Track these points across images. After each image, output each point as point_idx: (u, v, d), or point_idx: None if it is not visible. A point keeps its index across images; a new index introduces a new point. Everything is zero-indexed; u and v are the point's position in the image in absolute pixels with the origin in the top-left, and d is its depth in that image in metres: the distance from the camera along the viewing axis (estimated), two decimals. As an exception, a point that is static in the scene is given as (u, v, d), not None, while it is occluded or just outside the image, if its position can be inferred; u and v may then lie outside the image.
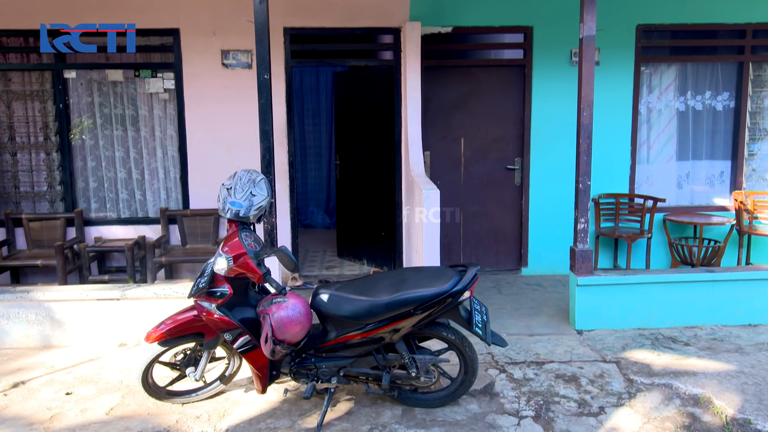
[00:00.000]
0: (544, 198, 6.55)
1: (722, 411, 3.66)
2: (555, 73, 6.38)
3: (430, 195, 5.05)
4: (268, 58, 4.52)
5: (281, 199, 6.27)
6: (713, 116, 6.71)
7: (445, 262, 5.94)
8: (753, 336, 4.81)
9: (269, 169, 4.56)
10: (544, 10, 6.31)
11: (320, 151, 9.33)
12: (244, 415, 3.67)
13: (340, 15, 6.19)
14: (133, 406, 3.78)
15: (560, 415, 3.64)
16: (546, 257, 6.60)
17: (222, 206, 3.50)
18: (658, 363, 4.33)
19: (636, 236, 6.29)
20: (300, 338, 3.43)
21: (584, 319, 4.98)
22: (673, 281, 5.02)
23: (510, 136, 6.57)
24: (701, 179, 6.83)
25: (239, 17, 5.92)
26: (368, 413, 3.67)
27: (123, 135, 6.43)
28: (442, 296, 3.37)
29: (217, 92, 6.22)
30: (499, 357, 4.44)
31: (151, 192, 6.52)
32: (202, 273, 3.52)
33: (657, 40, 6.54)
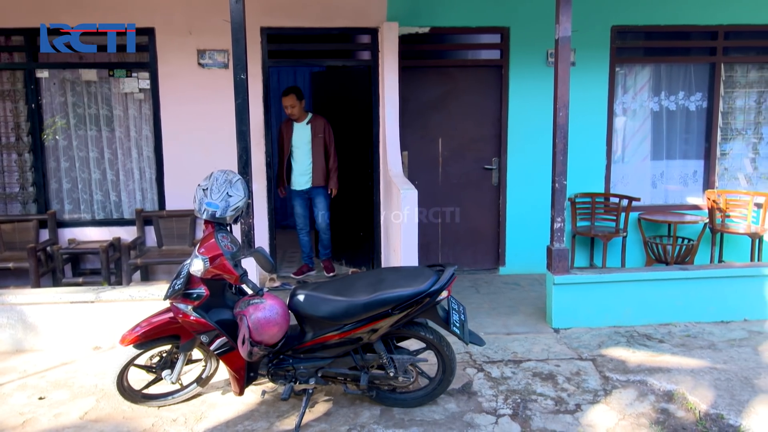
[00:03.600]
0: (521, 197, 6.59)
1: (696, 406, 3.72)
2: (531, 74, 6.43)
3: (408, 195, 5.05)
4: (245, 58, 4.49)
5: (258, 199, 6.23)
6: (686, 116, 6.81)
7: (423, 262, 5.95)
8: (725, 332, 4.89)
9: (246, 170, 4.54)
10: (520, 10, 6.35)
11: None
12: (221, 418, 3.64)
13: (317, 15, 6.17)
14: (108, 410, 3.74)
15: (537, 413, 3.67)
16: (523, 256, 6.64)
17: (198, 207, 3.47)
18: (633, 360, 4.39)
19: (611, 235, 6.37)
20: (277, 339, 3.42)
21: (561, 318, 5.02)
22: (647, 279, 5.09)
23: (487, 136, 6.60)
24: (675, 178, 6.93)
25: (215, 17, 5.87)
26: (346, 414, 3.67)
27: (97, 135, 6.35)
28: (419, 296, 3.38)
29: (193, 92, 6.17)
30: (477, 356, 4.46)
31: (126, 193, 6.44)
32: (178, 275, 3.49)
33: (631, 41, 6.63)
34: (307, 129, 6.25)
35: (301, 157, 6.27)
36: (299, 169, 6.30)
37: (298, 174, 6.32)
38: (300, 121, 6.26)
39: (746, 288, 5.18)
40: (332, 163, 6.32)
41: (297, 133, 6.26)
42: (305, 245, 6.52)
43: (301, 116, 6.26)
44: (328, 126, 6.29)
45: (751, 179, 6.94)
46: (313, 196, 6.40)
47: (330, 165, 6.32)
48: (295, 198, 6.48)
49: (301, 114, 6.25)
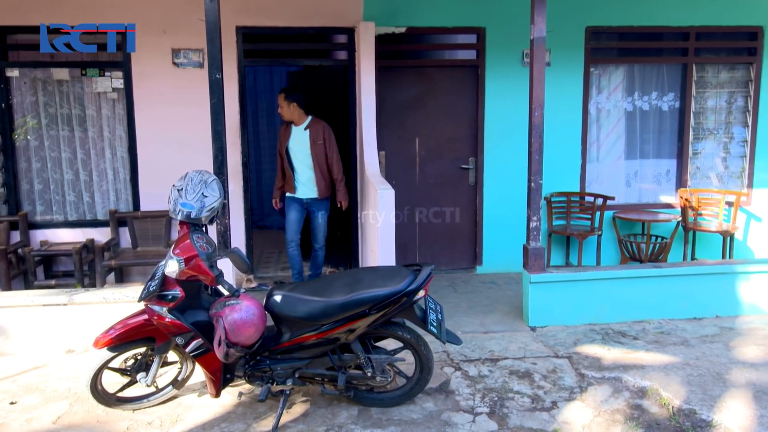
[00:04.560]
0: (498, 197, 6.63)
1: (669, 402, 3.77)
2: (507, 74, 6.47)
3: (385, 195, 5.05)
4: (220, 58, 4.46)
5: (235, 200, 6.19)
6: (659, 116, 6.91)
7: (400, 261, 5.95)
8: (698, 329, 4.97)
9: (222, 170, 4.50)
10: (496, 11, 6.39)
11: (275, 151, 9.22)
12: (198, 420, 3.61)
13: (293, 14, 6.15)
14: (81, 414, 3.68)
15: (514, 410, 3.70)
16: (500, 255, 6.69)
17: (173, 208, 3.44)
18: (609, 357, 4.44)
19: (587, 234, 6.44)
20: (254, 340, 3.40)
21: (537, 316, 5.06)
22: (622, 277, 5.15)
23: (464, 136, 6.63)
24: (648, 178, 7.02)
25: (190, 15, 5.82)
26: (324, 414, 3.66)
27: (70, 135, 6.25)
28: (396, 296, 3.38)
29: (168, 92, 6.10)
30: (455, 355, 4.48)
31: (100, 194, 6.35)
32: (153, 276, 3.45)
33: (605, 41, 6.70)
34: (304, 135, 5.67)
35: (301, 166, 5.70)
36: (301, 179, 5.73)
37: (301, 183, 5.74)
38: (298, 125, 5.70)
39: (718, 285, 5.27)
40: (337, 172, 5.73)
41: (294, 138, 5.70)
42: (295, 262, 5.87)
43: (299, 119, 5.69)
44: (328, 131, 5.71)
45: (723, 178, 7.06)
46: (313, 209, 5.83)
47: (335, 175, 5.74)
48: (291, 204, 5.84)
49: (299, 117, 5.68)
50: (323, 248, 5.96)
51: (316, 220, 5.84)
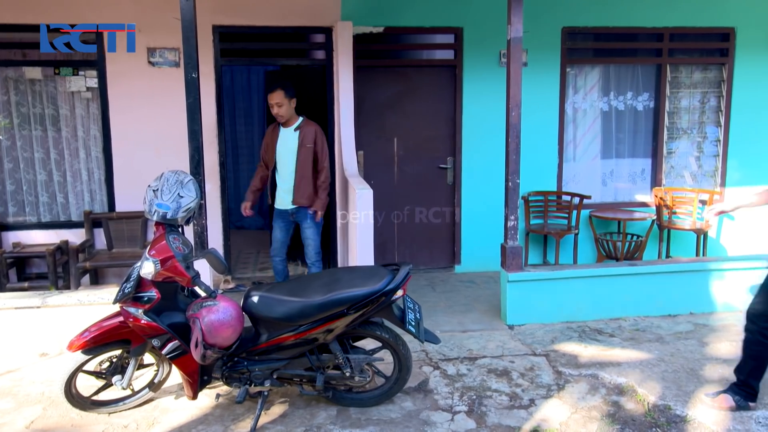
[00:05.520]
0: (476, 196, 6.67)
1: (644, 398, 3.82)
2: (485, 74, 6.50)
3: (364, 194, 5.05)
4: (196, 57, 4.42)
5: (212, 200, 6.14)
6: (634, 116, 7.00)
7: (379, 261, 5.95)
8: (672, 326, 5.04)
9: (198, 170, 4.47)
10: (473, 11, 6.42)
11: (253, 151, 9.18)
12: (175, 423, 3.57)
13: (270, 13, 6.11)
14: (55, 419, 3.62)
15: (492, 408, 3.72)
16: (478, 254, 6.72)
17: (148, 208, 3.40)
18: (585, 354, 4.48)
19: (564, 232, 6.49)
20: (231, 342, 3.38)
21: (515, 314, 5.10)
22: (598, 275, 5.20)
23: (442, 136, 6.65)
24: (624, 177, 7.11)
25: (166, 14, 5.74)
26: (303, 415, 3.65)
27: (43, 135, 6.15)
28: (374, 295, 3.38)
29: (143, 91, 6.03)
30: (433, 354, 4.49)
31: (74, 194, 6.26)
32: (128, 278, 3.41)
33: (581, 42, 6.77)
34: (294, 136, 5.13)
35: (285, 170, 5.16)
36: (284, 186, 5.18)
37: (282, 191, 5.20)
38: (288, 126, 5.16)
39: (692, 282, 5.35)
40: (323, 178, 5.17)
41: (283, 140, 5.15)
42: (281, 277, 5.42)
43: (291, 119, 5.15)
44: (320, 134, 5.20)
45: (696, 177, 7.17)
46: (299, 220, 5.25)
47: (319, 181, 5.17)
48: (277, 219, 5.35)
49: (291, 116, 5.15)
50: (318, 262, 5.33)
51: (304, 233, 5.28)
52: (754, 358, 3.63)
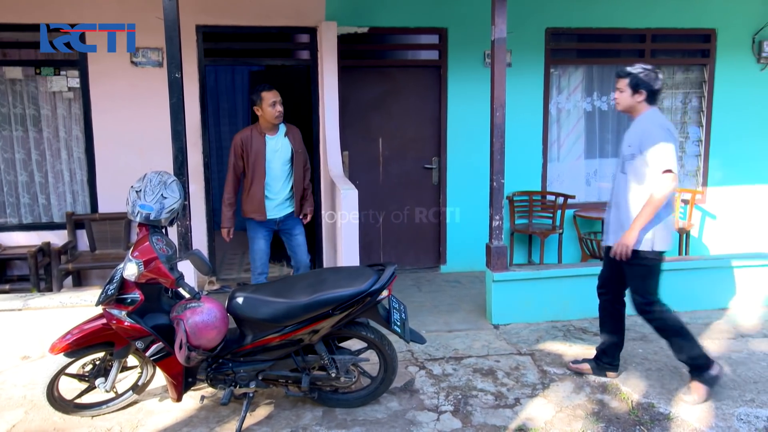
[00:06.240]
0: (461, 196, 6.68)
1: (628, 396, 3.85)
2: (469, 74, 6.52)
3: (349, 195, 5.04)
4: (179, 57, 4.39)
5: (196, 201, 6.10)
6: (618, 116, 7.04)
7: (365, 261, 5.95)
8: (656, 324, 5.07)
9: (182, 171, 4.44)
10: (458, 12, 6.44)
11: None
12: (159, 425, 3.55)
13: (255, 13, 6.09)
14: (37, 422, 3.58)
15: (478, 408, 3.73)
16: (464, 254, 6.73)
17: (131, 210, 3.37)
18: (570, 353, 4.51)
19: (548, 232, 6.53)
20: (216, 343, 3.36)
21: (500, 314, 5.11)
22: (583, 274, 5.22)
23: (427, 136, 6.66)
24: (608, 176, 7.14)
25: (148, 14, 5.70)
26: (288, 416, 3.63)
27: (24, 136, 6.07)
28: (360, 296, 3.37)
29: (126, 91, 5.98)
30: (419, 354, 4.49)
31: (56, 196, 6.19)
32: (111, 279, 3.38)
33: (565, 42, 6.81)
34: (285, 142, 4.76)
35: (277, 181, 4.75)
36: (278, 197, 4.78)
37: (275, 204, 4.78)
38: (274, 133, 4.75)
39: (675, 281, 5.35)
40: (308, 179, 4.97)
41: (273, 148, 4.72)
42: None
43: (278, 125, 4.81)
44: (299, 136, 4.92)
45: (678, 176, 7.21)
46: (289, 227, 4.87)
47: (307, 182, 4.94)
48: (259, 230, 4.82)
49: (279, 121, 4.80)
50: (309, 267, 5.01)
51: (295, 239, 4.90)
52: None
